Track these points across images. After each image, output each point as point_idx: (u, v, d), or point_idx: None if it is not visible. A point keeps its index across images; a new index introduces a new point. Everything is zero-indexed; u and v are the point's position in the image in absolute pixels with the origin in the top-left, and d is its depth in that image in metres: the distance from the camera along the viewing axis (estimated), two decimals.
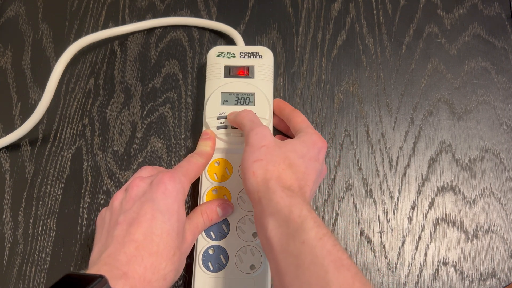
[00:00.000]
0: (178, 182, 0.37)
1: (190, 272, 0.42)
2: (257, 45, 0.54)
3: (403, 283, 0.44)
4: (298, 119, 0.45)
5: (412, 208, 0.47)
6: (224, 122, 0.45)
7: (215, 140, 0.44)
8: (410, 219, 0.46)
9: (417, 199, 0.47)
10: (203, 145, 0.43)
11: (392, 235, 0.46)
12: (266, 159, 0.38)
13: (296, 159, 0.38)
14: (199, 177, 0.45)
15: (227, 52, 0.49)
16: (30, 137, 0.50)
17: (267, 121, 0.45)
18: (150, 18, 0.56)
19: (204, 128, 0.46)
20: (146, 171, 0.41)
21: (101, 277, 0.28)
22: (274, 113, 0.48)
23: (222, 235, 0.42)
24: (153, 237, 0.34)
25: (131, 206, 0.36)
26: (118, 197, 0.38)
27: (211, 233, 0.42)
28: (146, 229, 0.34)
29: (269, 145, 0.39)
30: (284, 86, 0.52)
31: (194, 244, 0.41)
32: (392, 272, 0.44)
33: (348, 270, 0.31)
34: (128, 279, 0.31)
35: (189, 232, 0.38)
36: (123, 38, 0.55)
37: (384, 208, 0.47)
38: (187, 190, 0.38)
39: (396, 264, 0.45)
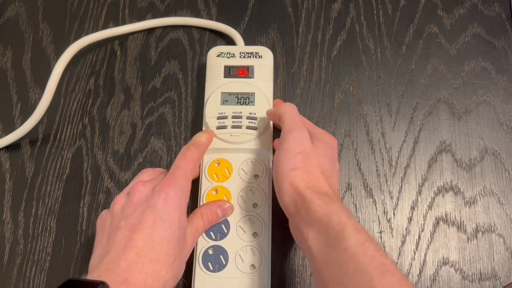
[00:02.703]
0: (179, 189, 0.37)
1: (190, 272, 0.42)
2: (257, 45, 0.54)
3: None
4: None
5: (412, 208, 0.47)
6: (224, 122, 0.45)
7: (212, 134, 0.44)
8: (410, 219, 0.46)
9: (417, 199, 0.47)
10: (199, 136, 0.43)
11: (392, 235, 0.46)
12: (302, 168, 0.37)
13: (326, 164, 0.38)
14: (198, 177, 0.45)
15: (227, 52, 0.49)
16: (30, 137, 0.50)
17: (267, 121, 0.45)
18: (150, 18, 0.56)
19: (204, 128, 0.46)
20: (147, 174, 0.41)
21: (102, 283, 0.28)
22: None
23: (222, 235, 0.42)
24: (154, 245, 0.34)
25: (133, 212, 0.36)
26: (119, 201, 0.37)
27: (211, 233, 0.42)
28: (147, 236, 0.34)
29: (305, 152, 0.38)
30: (284, 86, 0.52)
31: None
32: None
33: (393, 275, 0.30)
34: (129, 285, 0.31)
35: (189, 236, 0.38)
36: (123, 38, 0.55)
37: (384, 208, 0.47)
38: (188, 193, 0.38)
39: (396, 264, 0.45)
